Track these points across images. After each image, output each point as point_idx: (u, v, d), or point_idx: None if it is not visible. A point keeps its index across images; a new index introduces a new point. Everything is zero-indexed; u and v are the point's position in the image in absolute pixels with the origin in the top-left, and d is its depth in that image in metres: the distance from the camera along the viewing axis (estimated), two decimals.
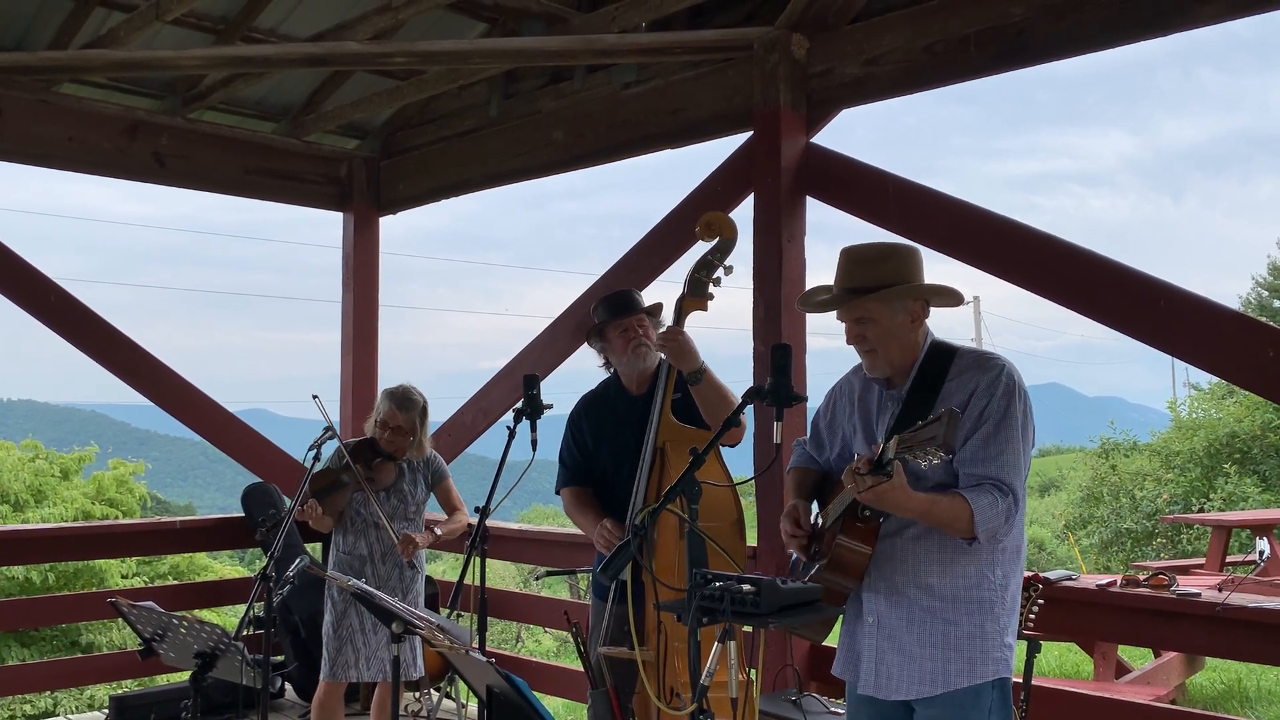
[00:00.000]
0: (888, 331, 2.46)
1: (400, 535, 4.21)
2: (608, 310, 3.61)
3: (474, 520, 3.63)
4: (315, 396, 4.13)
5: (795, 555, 2.65)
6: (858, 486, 2.21)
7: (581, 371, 3.88)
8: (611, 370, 3.70)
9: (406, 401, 4.31)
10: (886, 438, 2.43)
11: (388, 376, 6.49)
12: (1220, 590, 3.46)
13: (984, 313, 30.93)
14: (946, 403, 2.40)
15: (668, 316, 3.45)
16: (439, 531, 4.33)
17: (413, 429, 4.31)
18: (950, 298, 2.50)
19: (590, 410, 3.70)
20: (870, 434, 2.58)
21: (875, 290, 2.43)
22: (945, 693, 2.40)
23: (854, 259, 2.50)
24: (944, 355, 2.50)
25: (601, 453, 3.64)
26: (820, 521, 2.59)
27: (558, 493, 3.75)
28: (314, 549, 5.58)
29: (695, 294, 3.34)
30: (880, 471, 2.16)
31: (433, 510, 4.59)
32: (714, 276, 3.35)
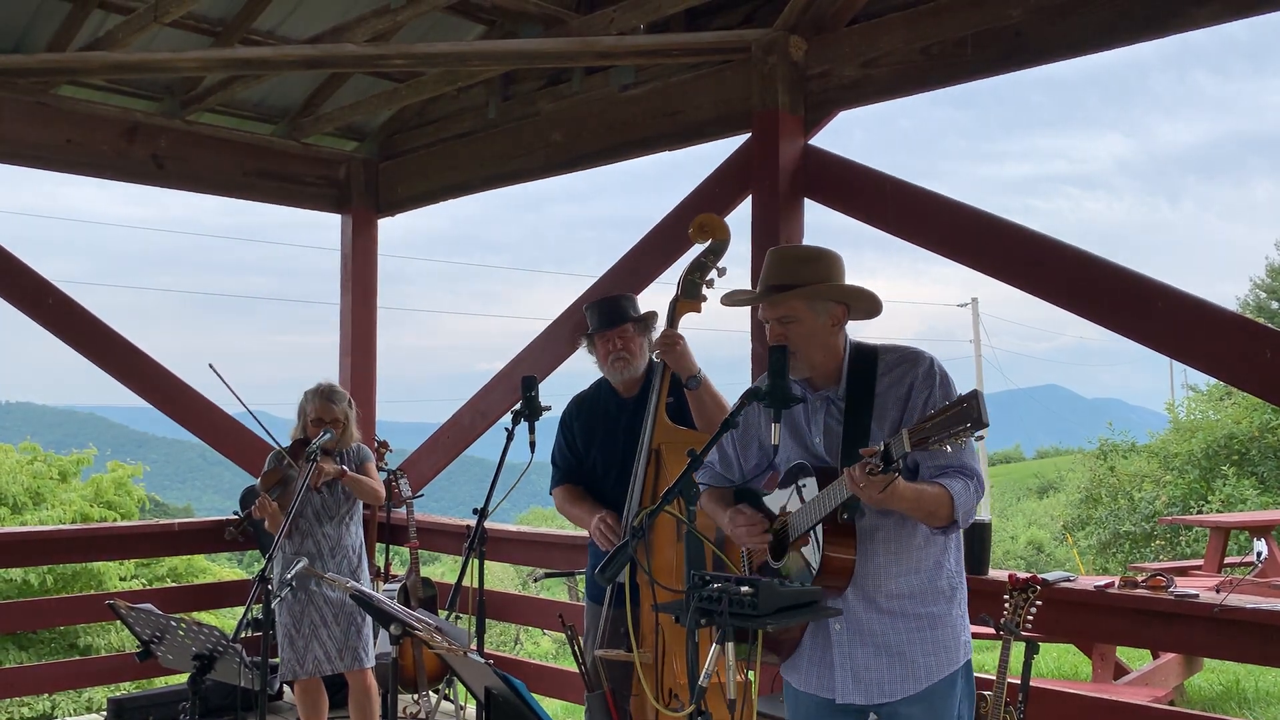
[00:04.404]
0: (810, 332, 2.47)
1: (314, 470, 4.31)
2: (594, 321, 3.63)
3: (470, 521, 3.63)
4: (211, 365, 4.42)
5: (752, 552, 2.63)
6: (870, 487, 2.17)
7: (579, 373, 3.90)
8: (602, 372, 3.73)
9: (334, 395, 4.54)
10: (838, 441, 2.45)
11: (386, 378, 6.50)
12: (1218, 591, 3.46)
13: (981, 314, 30.94)
14: (884, 400, 2.45)
15: (661, 319, 3.46)
16: (347, 470, 4.47)
17: (346, 420, 4.51)
18: (870, 303, 2.52)
19: (581, 411, 3.73)
20: (801, 438, 2.57)
21: (801, 288, 2.46)
22: (927, 687, 2.42)
23: (781, 258, 2.54)
24: (867, 355, 2.53)
25: (591, 454, 3.67)
26: (780, 536, 2.55)
27: (551, 494, 3.76)
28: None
29: (689, 295, 3.36)
30: (890, 468, 2.16)
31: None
32: (707, 278, 3.37)
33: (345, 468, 4.46)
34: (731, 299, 2.70)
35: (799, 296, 2.46)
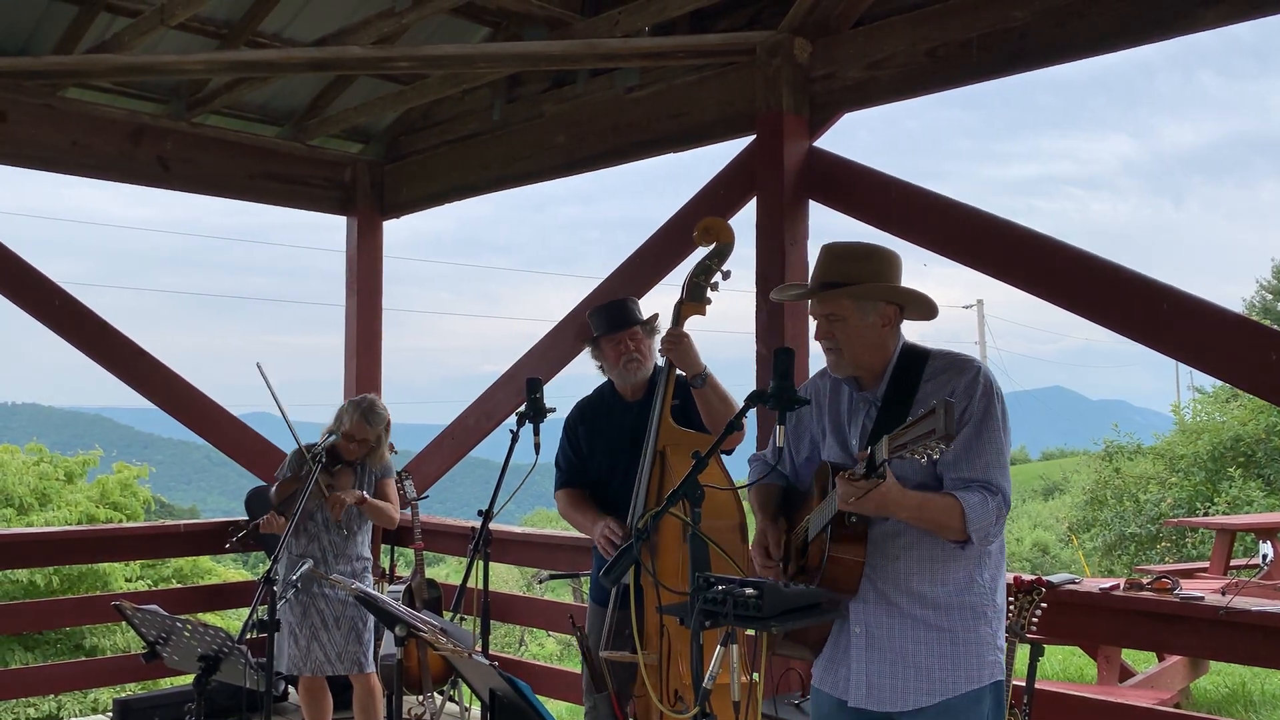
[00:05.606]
0: (856, 331, 2.43)
1: (330, 497, 4.36)
2: (602, 324, 3.63)
3: (475, 523, 3.64)
4: (259, 365, 4.37)
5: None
6: (852, 494, 2.15)
7: (584, 375, 3.90)
8: (608, 376, 3.73)
9: (373, 416, 4.54)
10: (865, 442, 2.41)
11: (391, 380, 6.51)
12: (1224, 594, 3.45)
13: (987, 316, 30.96)
14: (923, 406, 2.35)
15: (665, 322, 3.46)
16: (367, 496, 4.49)
17: (378, 441, 4.55)
18: (924, 307, 2.46)
19: (585, 415, 3.73)
20: (842, 437, 2.54)
21: (849, 286, 2.41)
22: (942, 701, 2.35)
23: (833, 254, 2.48)
24: (917, 358, 2.46)
25: (595, 457, 3.67)
26: (804, 535, 2.53)
27: (555, 496, 3.77)
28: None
29: (694, 299, 3.35)
30: (874, 474, 2.12)
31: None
32: (712, 281, 3.37)
33: (365, 494, 4.49)
34: (782, 293, 2.67)
35: (848, 295, 2.41)
